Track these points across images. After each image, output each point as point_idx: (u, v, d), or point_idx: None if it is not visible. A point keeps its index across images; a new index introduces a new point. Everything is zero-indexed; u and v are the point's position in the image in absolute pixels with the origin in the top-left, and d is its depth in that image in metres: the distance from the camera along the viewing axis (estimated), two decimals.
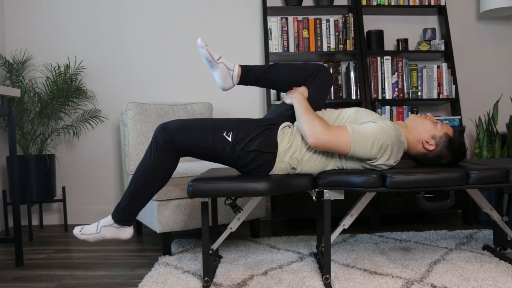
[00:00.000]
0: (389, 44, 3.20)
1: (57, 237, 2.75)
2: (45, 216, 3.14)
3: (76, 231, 1.80)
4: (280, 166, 1.76)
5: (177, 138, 1.72)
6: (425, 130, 1.83)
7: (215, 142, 1.73)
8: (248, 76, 1.89)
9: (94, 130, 3.12)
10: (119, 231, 1.81)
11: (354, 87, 2.95)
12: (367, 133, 1.68)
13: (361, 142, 1.67)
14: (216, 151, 1.74)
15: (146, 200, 1.79)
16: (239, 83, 1.91)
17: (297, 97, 1.81)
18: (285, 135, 1.77)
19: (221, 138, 1.73)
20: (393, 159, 1.74)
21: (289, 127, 1.82)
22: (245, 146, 1.72)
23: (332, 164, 1.80)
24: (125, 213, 1.78)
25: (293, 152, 1.75)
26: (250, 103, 3.15)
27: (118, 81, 3.12)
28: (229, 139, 1.73)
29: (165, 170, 1.76)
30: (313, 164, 1.77)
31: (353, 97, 2.95)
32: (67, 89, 2.90)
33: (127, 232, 1.83)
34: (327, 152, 1.77)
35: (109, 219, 1.80)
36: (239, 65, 1.90)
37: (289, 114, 1.86)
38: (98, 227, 1.79)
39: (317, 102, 1.86)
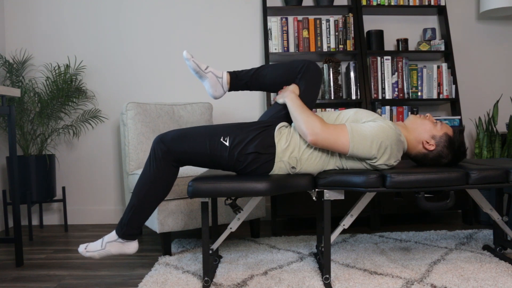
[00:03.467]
0: (389, 44, 3.20)
1: (57, 237, 2.75)
2: (45, 216, 3.14)
3: (81, 249, 1.78)
4: (280, 166, 1.76)
5: (175, 148, 1.72)
6: (425, 130, 1.83)
7: (213, 148, 1.72)
8: (238, 81, 1.89)
9: (94, 130, 3.12)
10: (124, 246, 1.80)
11: (354, 87, 2.95)
12: (366, 133, 1.68)
13: (360, 142, 1.67)
14: (215, 157, 1.73)
15: (149, 213, 1.77)
16: (230, 90, 1.91)
17: (289, 96, 1.80)
18: (282, 135, 1.77)
19: (219, 144, 1.72)
20: (394, 158, 1.73)
21: (286, 126, 1.82)
22: (243, 149, 1.72)
23: (332, 163, 1.79)
24: (129, 227, 1.76)
25: (291, 151, 1.75)
26: (250, 103, 3.15)
27: (118, 81, 3.12)
28: (227, 143, 1.72)
29: (165, 181, 1.75)
30: (313, 163, 1.77)
31: (353, 97, 2.94)
32: (67, 89, 2.90)
33: (132, 247, 1.81)
34: (327, 150, 1.77)
35: (113, 235, 1.79)
36: (228, 71, 1.89)
37: (283, 115, 1.85)
38: (102, 244, 1.78)
39: (309, 98, 1.84)
